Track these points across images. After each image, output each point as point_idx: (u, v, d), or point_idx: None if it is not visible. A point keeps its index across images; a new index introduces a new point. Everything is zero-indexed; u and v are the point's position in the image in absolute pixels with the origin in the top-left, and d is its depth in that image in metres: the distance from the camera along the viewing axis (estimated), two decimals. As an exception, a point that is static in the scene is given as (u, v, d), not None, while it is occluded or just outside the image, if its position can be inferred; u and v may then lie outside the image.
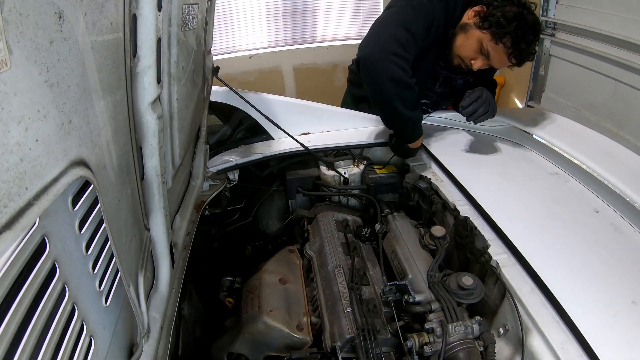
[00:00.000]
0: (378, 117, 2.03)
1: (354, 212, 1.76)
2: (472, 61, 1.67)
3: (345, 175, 1.84)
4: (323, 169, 1.85)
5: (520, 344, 1.00)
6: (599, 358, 0.90)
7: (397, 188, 1.75)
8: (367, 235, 1.51)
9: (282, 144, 1.89)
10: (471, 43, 1.63)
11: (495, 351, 1.01)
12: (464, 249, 1.32)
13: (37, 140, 0.50)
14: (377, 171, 1.81)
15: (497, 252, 1.20)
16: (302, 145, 1.85)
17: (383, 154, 1.98)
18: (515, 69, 1.78)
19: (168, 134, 1.15)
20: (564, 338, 0.96)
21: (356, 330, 1.11)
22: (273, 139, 1.93)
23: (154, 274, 1.11)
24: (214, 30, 1.51)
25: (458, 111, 1.74)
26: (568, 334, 0.97)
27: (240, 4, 4.43)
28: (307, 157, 1.92)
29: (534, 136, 1.85)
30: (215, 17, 1.48)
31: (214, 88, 1.70)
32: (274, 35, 4.67)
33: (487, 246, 1.22)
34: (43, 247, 0.62)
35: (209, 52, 1.52)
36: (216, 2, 1.46)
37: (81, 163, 0.61)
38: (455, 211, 1.42)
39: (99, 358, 0.78)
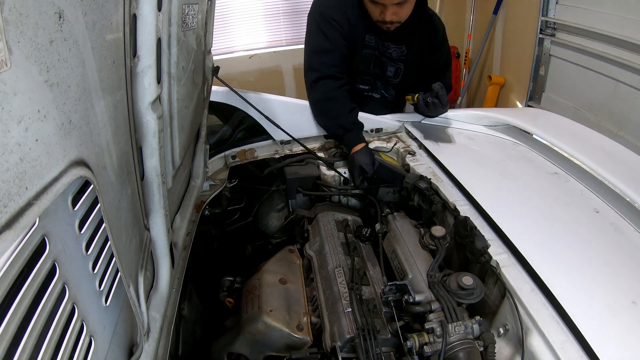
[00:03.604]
0: (379, 118, 2.03)
1: (354, 212, 1.76)
2: (382, 16, 1.77)
3: (346, 175, 1.84)
4: (323, 168, 1.85)
5: (520, 344, 1.00)
6: (599, 358, 0.90)
7: (397, 182, 1.72)
8: (367, 235, 1.51)
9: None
10: (368, 6, 1.78)
11: (495, 351, 1.01)
12: (464, 249, 1.32)
13: (37, 140, 0.50)
14: (382, 156, 1.79)
15: (497, 252, 1.20)
16: (302, 145, 1.86)
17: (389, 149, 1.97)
18: (515, 69, 1.80)
19: (168, 134, 1.15)
20: (564, 338, 0.96)
21: (356, 330, 1.11)
22: (274, 139, 1.93)
23: (154, 274, 1.11)
24: (214, 30, 1.51)
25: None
26: (568, 334, 0.97)
27: (240, 4, 4.43)
28: (307, 157, 1.92)
29: (534, 136, 1.85)
30: (215, 17, 1.48)
31: (214, 88, 1.70)
32: (274, 35, 4.67)
33: (487, 246, 1.22)
34: (43, 247, 0.62)
35: (209, 52, 1.52)
36: (216, 2, 1.46)
37: (81, 163, 0.61)
38: (455, 211, 1.42)
39: (99, 358, 0.79)
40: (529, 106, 4.00)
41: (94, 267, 0.78)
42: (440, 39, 2.02)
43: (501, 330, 1.08)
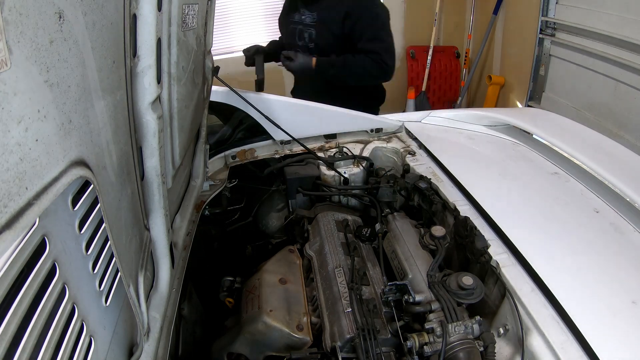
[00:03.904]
0: (379, 118, 2.03)
1: (354, 212, 1.76)
2: None
3: (346, 175, 1.84)
4: (323, 168, 1.85)
5: (520, 344, 1.00)
6: (599, 358, 0.90)
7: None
8: (367, 235, 1.51)
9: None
10: None
11: (495, 351, 1.01)
12: (464, 249, 1.32)
13: (37, 140, 0.50)
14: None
15: (497, 252, 1.20)
16: (302, 145, 1.86)
17: (383, 154, 1.98)
18: (515, 69, 1.80)
19: (168, 134, 1.15)
20: (564, 338, 0.96)
21: (356, 330, 1.11)
22: (273, 139, 1.93)
23: (154, 274, 1.11)
24: (214, 30, 1.51)
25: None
26: (568, 334, 0.97)
27: (240, 4, 4.43)
28: (307, 157, 1.92)
29: (534, 136, 1.85)
30: (215, 17, 1.48)
31: (214, 88, 1.70)
32: (274, 35, 4.65)
33: (487, 246, 1.22)
34: (43, 247, 0.62)
35: (209, 52, 1.52)
36: (216, 2, 1.46)
37: (81, 163, 0.61)
38: (455, 211, 1.42)
39: (99, 358, 0.78)
40: (529, 106, 4.00)
41: (94, 267, 0.78)
42: (360, 10, 2.11)
43: (501, 330, 1.08)
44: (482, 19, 4.67)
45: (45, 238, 0.62)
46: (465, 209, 1.40)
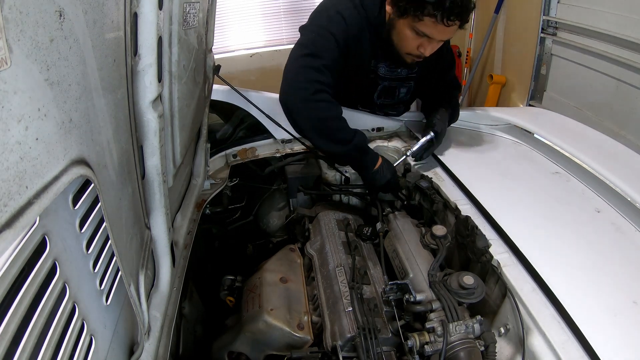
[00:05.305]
0: (381, 117, 2.03)
1: (355, 211, 1.76)
2: (420, 49, 1.53)
3: (347, 174, 1.84)
4: (324, 167, 1.85)
5: (521, 343, 1.00)
6: (600, 358, 0.90)
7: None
8: (368, 234, 1.51)
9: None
10: (405, 34, 1.51)
11: (496, 351, 1.01)
12: (465, 248, 1.32)
13: (37, 139, 0.50)
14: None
15: (498, 252, 1.20)
16: (304, 144, 1.85)
17: (384, 153, 1.97)
18: (516, 68, 1.76)
19: (169, 132, 1.15)
20: (565, 338, 0.96)
21: (357, 330, 1.11)
22: (275, 138, 1.92)
23: (154, 273, 1.11)
24: (215, 28, 1.51)
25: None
26: (569, 333, 0.96)
27: (241, 2, 4.43)
28: (308, 156, 1.92)
29: (535, 135, 1.85)
30: (216, 16, 1.48)
31: (215, 87, 1.70)
32: (275, 34, 4.66)
33: (488, 245, 1.22)
34: (43, 246, 0.62)
35: (210, 50, 1.52)
36: (217, 0, 1.45)
37: (82, 162, 0.61)
38: (456, 210, 1.42)
39: (99, 357, 0.78)
40: (530, 105, 4.00)
41: (94, 266, 0.78)
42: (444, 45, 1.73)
43: (502, 330, 1.08)
44: (483, 17, 4.66)
45: (46, 237, 0.62)
46: (466, 208, 1.40)
